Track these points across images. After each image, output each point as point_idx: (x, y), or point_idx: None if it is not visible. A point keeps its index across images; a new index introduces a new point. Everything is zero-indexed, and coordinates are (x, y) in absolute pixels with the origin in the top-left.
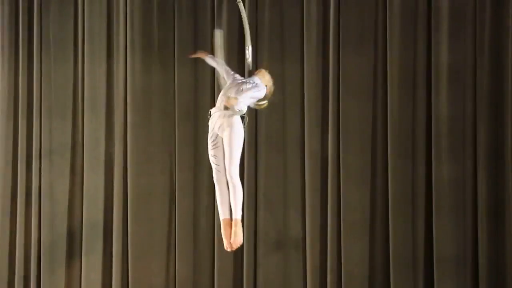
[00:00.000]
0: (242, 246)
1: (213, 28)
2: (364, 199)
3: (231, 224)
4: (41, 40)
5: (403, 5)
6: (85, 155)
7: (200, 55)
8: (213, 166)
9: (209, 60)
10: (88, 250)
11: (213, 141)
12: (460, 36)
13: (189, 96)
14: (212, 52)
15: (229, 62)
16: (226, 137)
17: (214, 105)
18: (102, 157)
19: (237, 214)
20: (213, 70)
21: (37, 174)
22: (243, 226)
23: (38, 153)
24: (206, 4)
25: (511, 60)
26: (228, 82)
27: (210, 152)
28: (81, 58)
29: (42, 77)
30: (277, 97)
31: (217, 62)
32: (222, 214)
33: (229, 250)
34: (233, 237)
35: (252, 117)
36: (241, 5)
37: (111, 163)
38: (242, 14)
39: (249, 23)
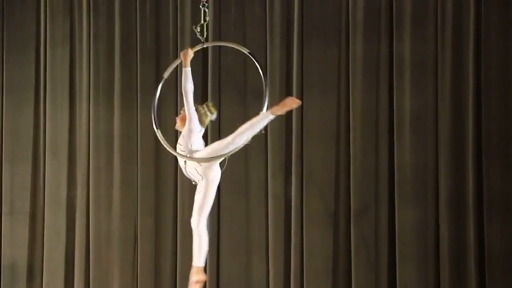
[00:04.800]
0: None
1: (176, 72)
2: (327, 244)
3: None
4: (2, 84)
5: (366, 51)
6: (46, 200)
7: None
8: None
9: None
10: None
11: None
12: (422, 84)
13: (151, 140)
14: None
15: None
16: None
17: (176, 148)
18: (63, 201)
19: (202, 262)
20: (175, 114)
21: None
22: (205, 270)
23: None
24: (169, 48)
25: (471, 107)
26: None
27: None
28: (43, 103)
29: (4, 122)
30: None
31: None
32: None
33: None
34: (193, 282)
35: None
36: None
37: (73, 207)
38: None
39: (212, 68)
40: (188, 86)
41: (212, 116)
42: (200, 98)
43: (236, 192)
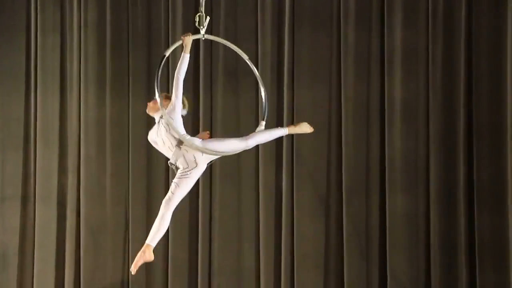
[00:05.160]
0: (196, 278)
1: (167, 60)
2: (318, 233)
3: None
4: None
5: (357, 40)
6: (37, 187)
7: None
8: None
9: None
10: (39, 283)
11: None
12: (413, 73)
13: (142, 128)
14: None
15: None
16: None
17: None
18: (54, 189)
19: (154, 242)
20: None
21: None
22: (197, 258)
23: None
24: (160, 36)
25: (462, 96)
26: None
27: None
28: (34, 90)
29: None
30: (232, 130)
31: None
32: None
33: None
34: (139, 258)
35: None
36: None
37: (64, 195)
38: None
39: (203, 56)
40: (182, 70)
41: (183, 111)
42: (192, 88)
43: (227, 181)
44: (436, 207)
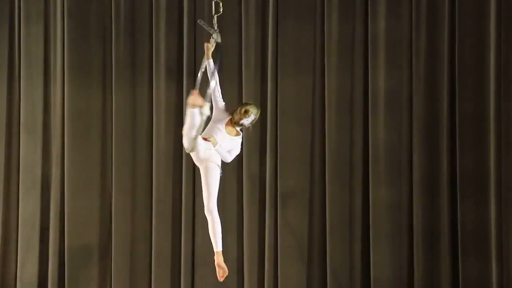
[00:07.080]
0: (179, 269)
1: (151, 50)
2: (301, 223)
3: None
4: None
5: (341, 31)
6: (20, 178)
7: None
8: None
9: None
10: (23, 273)
11: None
12: (397, 63)
13: (126, 119)
14: None
15: (168, 84)
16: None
17: (151, 128)
18: (38, 180)
19: (218, 247)
20: (151, 93)
21: None
22: (180, 249)
23: None
24: (144, 26)
25: (445, 86)
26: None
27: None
28: (18, 81)
29: None
30: None
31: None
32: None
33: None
34: (218, 270)
35: None
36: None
37: (48, 186)
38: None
39: (187, 46)
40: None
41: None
42: (176, 80)
43: None
44: (419, 196)
